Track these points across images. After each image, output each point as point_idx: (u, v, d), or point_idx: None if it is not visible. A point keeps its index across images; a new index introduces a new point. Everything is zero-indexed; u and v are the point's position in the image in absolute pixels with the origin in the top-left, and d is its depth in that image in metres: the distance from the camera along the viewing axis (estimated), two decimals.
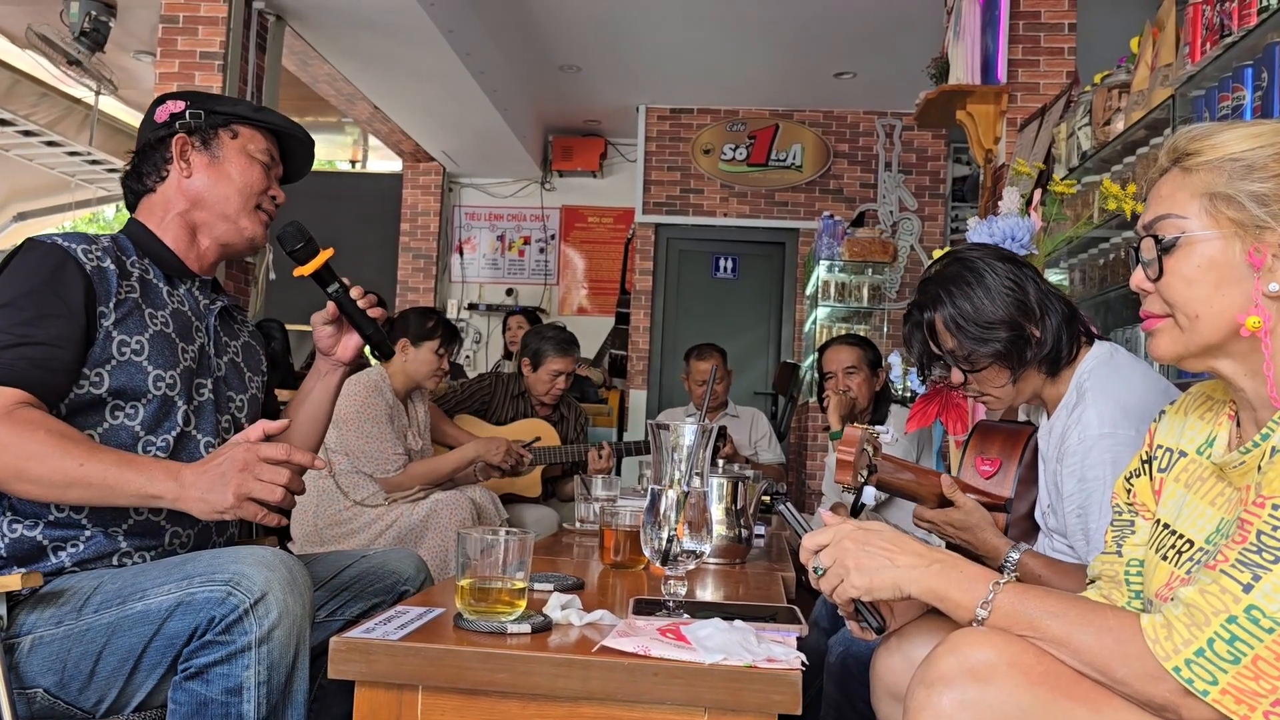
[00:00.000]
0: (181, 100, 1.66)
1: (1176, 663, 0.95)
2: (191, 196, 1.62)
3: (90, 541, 1.44)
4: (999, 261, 1.61)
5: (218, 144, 1.63)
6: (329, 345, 1.68)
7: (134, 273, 1.55)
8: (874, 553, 1.14)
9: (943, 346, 1.64)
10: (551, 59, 6.24)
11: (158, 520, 1.49)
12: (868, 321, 5.94)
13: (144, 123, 1.68)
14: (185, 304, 1.62)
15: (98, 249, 1.50)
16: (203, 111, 1.64)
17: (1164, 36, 2.61)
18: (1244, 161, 1.02)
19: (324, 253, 1.62)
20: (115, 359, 1.46)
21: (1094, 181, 2.96)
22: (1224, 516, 1.08)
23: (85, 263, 1.46)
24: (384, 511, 3.00)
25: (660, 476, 1.32)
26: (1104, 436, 1.47)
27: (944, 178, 6.95)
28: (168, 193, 1.62)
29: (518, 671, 1.11)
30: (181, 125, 1.62)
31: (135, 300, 1.52)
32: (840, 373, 3.39)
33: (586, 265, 7.73)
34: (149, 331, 1.51)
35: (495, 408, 3.73)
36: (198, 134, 1.63)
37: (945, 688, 1.02)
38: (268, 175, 1.67)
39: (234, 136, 1.64)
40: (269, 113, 1.71)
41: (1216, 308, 1.03)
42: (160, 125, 1.63)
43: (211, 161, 1.63)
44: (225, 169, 1.63)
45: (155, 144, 1.63)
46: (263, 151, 1.67)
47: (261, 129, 1.68)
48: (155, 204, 1.63)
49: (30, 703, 1.36)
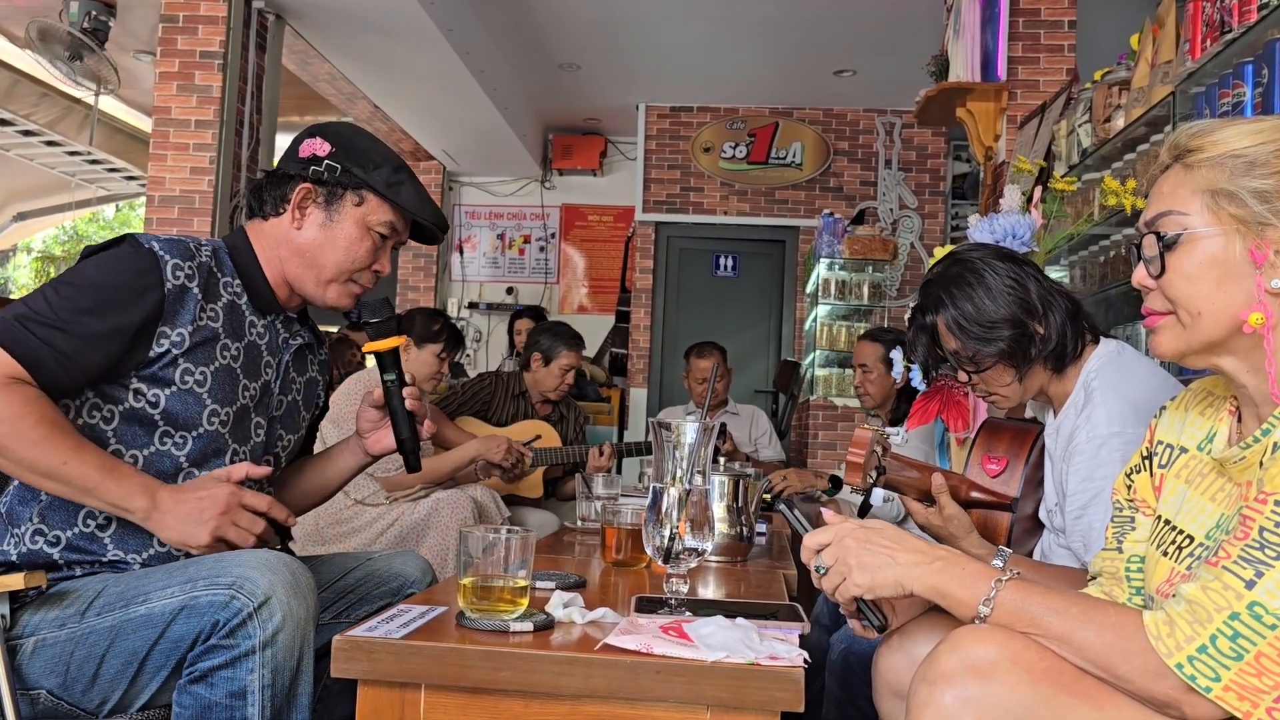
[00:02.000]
0: (328, 144, 1.57)
1: (1179, 659, 0.95)
2: (294, 248, 1.56)
3: (107, 565, 1.44)
4: (999, 261, 1.61)
5: (339, 205, 1.56)
6: (366, 430, 1.66)
7: (223, 297, 1.52)
8: (876, 551, 1.14)
9: (947, 348, 1.64)
10: (551, 57, 6.24)
11: (178, 554, 1.48)
12: (868, 319, 5.94)
13: (289, 149, 1.60)
14: (265, 336, 1.59)
15: (191, 266, 1.47)
16: (339, 167, 1.55)
17: (1164, 33, 2.60)
18: (1245, 158, 1.02)
19: (395, 339, 1.58)
20: (177, 386, 1.45)
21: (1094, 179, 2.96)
22: (1224, 512, 1.08)
23: (169, 280, 1.44)
24: (385, 510, 3.00)
25: (662, 474, 1.32)
26: (1114, 435, 1.46)
27: (944, 175, 6.95)
28: (276, 232, 1.58)
29: (520, 670, 1.11)
30: (314, 174, 1.55)
31: (215, 330, 1.49)
32: (858, 369, 3.38)
33: (587, 264, 7.73)
34: (215, 364, 1.49)
35: (496, 408, 3.73)
36: (324, 187, 1.56)
37: (948, 685, 1.02)
38: (376, 251, 1.59)
39: (359, 204, 1.57)
40: (406, 190, 1.59)
41: (1218, 304, 1.03)
42: (298, 162, 1.57)
43: (325, 223, 1.56)
44: (335, 235, 1.56)
45: (284, 178, 1.57)
46: (384, 225, 1.58)
47: (391, 205, 1.58)
48: (264, 233, 1.59)
49: (33, 703, 1.36)
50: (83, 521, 1.42)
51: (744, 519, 1.98)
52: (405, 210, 1.60)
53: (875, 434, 1.62)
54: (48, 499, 1.42)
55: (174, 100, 4.61)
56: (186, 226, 4.57)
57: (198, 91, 4.60)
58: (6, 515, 1.44)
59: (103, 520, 1.43)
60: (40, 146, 6.30)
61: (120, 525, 1.44)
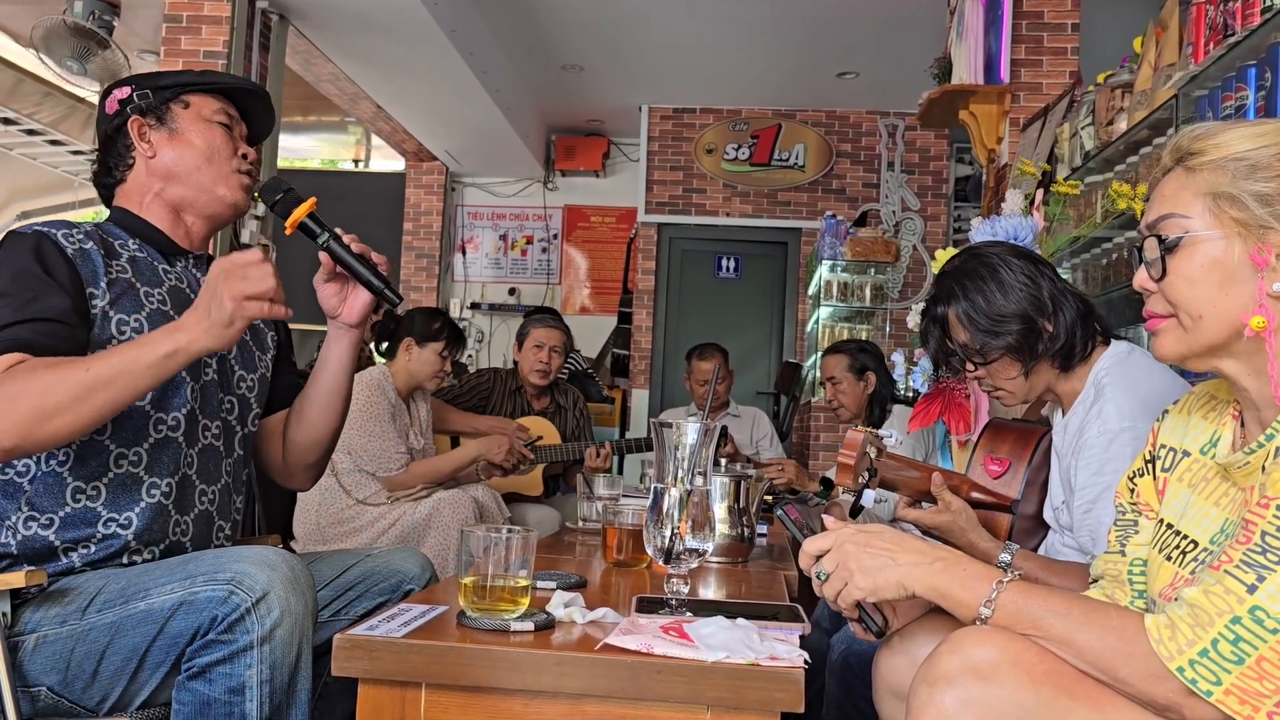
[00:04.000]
0: (127, 86, 1.63)
1: (1180, 663, 0.95)
2: (162, 173, 1.60)
3: (102, 543, 1.44)
4: (1015, 258, 1.64)
5: (172, 117, 1.61)
6: (334, 305, 1.61)
7: (123, 254, 1.54)
8: (876, 553, 1.14)
9: (956, 340, 1.66)
10: (554, 59, 6.24)
11: (167, 504, 1.48)
12: (870, 321, 5.94)
13: (99, 118, 1.66)
14: (183, 280, 1.60)
15: (79, 233, 1.49)
16: (149, 90, 1.62)
17: (1167, 36, 2.60)
18: (1248, 161, 1.02)
19: (307, 202, 1.55)
20: (116, 338, 1.45)
21: (1097, 182, 2.96)
22: (1228, 517, 1.07)
23: (66, 245, 1.45)
24: (386, 510, 3.00)
25: (663, 475, 1.32)
26: (1125, 430, 1.48)
27: (947, 178, 6.95)
28: (139, 177, 1.61)
29: (521, 669, 1.11)
30: (132, 109, 1.60)
31: (128, 280, 1.51)
32: (828, 384, 3.48)
33: (589, 265, 7.73)
34: (146, 309, 1.50)
35: (494, 404, 3.75)
36: (151, 113, 1.61)
37: (948, 686, 1.02)
38: (231, 135, 1.64)
39: (186, 107, 1.62)
40: (213, 74, 1.70)
41: (1220, 308, 1.03)
42: (113, 116, 1.62)
43: (171, 135, 1.60)
44: (186, 139, 1.60)
45: (113, 134, 1.62)
46: (218, 113, 1.64)
47: (211, 92, 1.65)
48: (131, 191, 1.62)
49: (34, 700, 1.36)
50: (72, 498, 1.42)
51: (745, 520, 1.98)
52: (226, 84, 1.67)
53: (867, 435, 1.62)
54: (31, 488, 1.41)
55: None
56: None
57: None
58: None
59: (91, 491, 1.43)
60: (44, 146, 6.31)
61: (110, 488, 1.44)
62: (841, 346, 3.57)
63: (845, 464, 1.62)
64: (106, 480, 1.44)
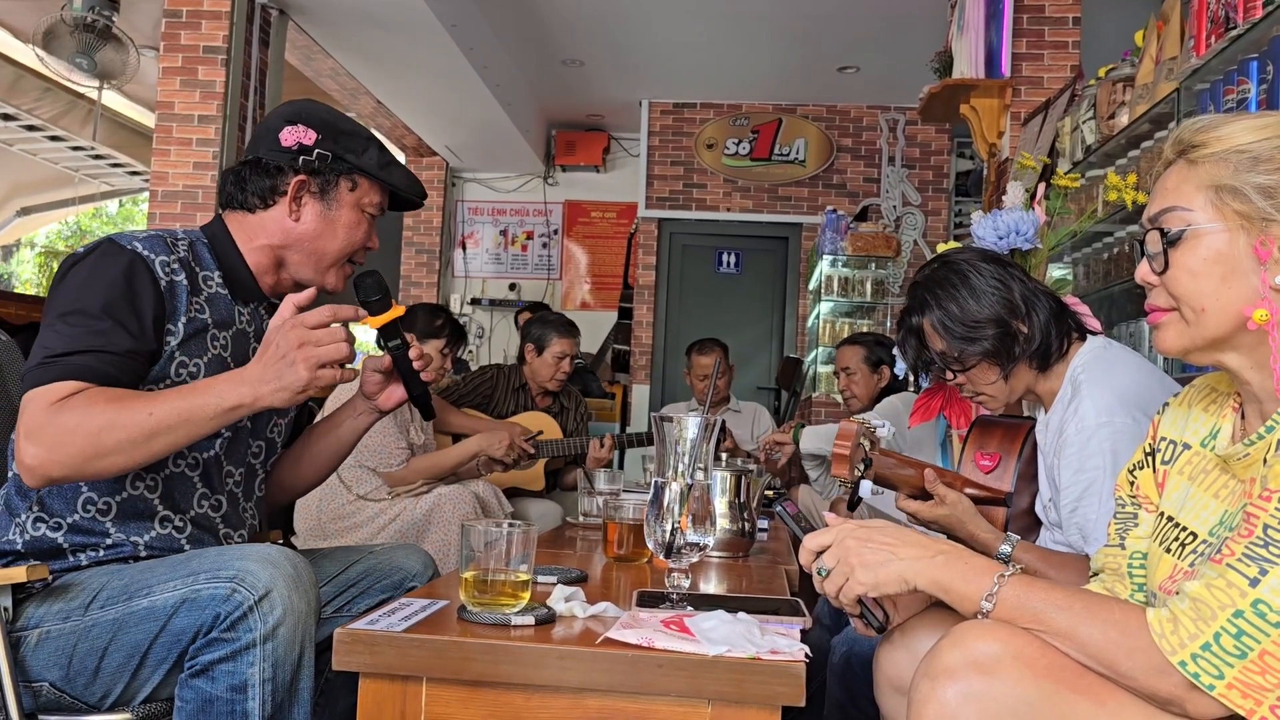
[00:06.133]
0: (313, 131, 1.55)
1: (1182, 657, 0.95)
2: (291, 239, 1.56)
3: (111, 549, 1.43)
4: (984, 263, 1.64)
5: (335, 194, 1.56)
6: (373, 391, 1.65)
7: (205, 290, 1.51)
8: (877, 548, 1.14)
9: (933, 349, 1.67)
10: (554, 53, 6.24)
11: (180, 539, 1.48)
12: (871, 316, 5.94)
13: (264, 134, 1.57)
14: (250, 325, 1.59)
15: (174, 260, 1.46)
16: (330, 154, 1.55)
17: (1168, 30, 2.60)
18: (1250, 154, 1.02)
19: (396, 309, 1.57)
20: (171, 379, 1.44)
21: (1098, 175, 2.96)
22: (1228, 509, 1.07)
23: (161, 277, 1.44)
24: (387, 506, 3.00)
25: (664, 470, 1.32)
26: (1101, 426, 1.49)
27: (947, 172, 6.94)
28: (266, 223, 1.56)
29: (522, 663, 1.11)
30: (305, 165, 1.54)
31: (203, 321, 1.49)
32: (841, 374, 3.49)
33: (589, 260, 7.73)
34: (208, 355, 1.49)
35: (497, 401, 3.74)
36: (317, 177, 1.55)
37: (950, 680, 1.02)
38: (371, 229, 1.62)
39: (352, 189, 1.57)
40: (395, 170, 1.62)
41: (1222, 301, 1.03)
42: (283, 151, 1.54)
43: (324, 211, 1.56)
44: (334, 223, 1.56)
45: (273, 170, 1.54)
46: (375, 206, 1.60)
47: (378, 180, 1.59)
48: (250, 224, 1.56)
49: (36, 695, 1.36)
50: (82, 508, 1.42)
51: (746, 514, 1.98)
52: (399, 191, 1.63)
53: (861, 426, 1.62)
54: (44, 490, 1.41)
55: (177, 95, 4.62)
56: (189, 221, 4.57)
57: (201, 87, 4.60)
58: (5, 507, 1.44)
59: (102, 505, 1.43)
60: (44, 141, 6.31)
61: (120, 511, 1.44)
62: (859, 338, 3.58)
63: (840, 454, 1.62)
64: (119, 500, 1.44)
